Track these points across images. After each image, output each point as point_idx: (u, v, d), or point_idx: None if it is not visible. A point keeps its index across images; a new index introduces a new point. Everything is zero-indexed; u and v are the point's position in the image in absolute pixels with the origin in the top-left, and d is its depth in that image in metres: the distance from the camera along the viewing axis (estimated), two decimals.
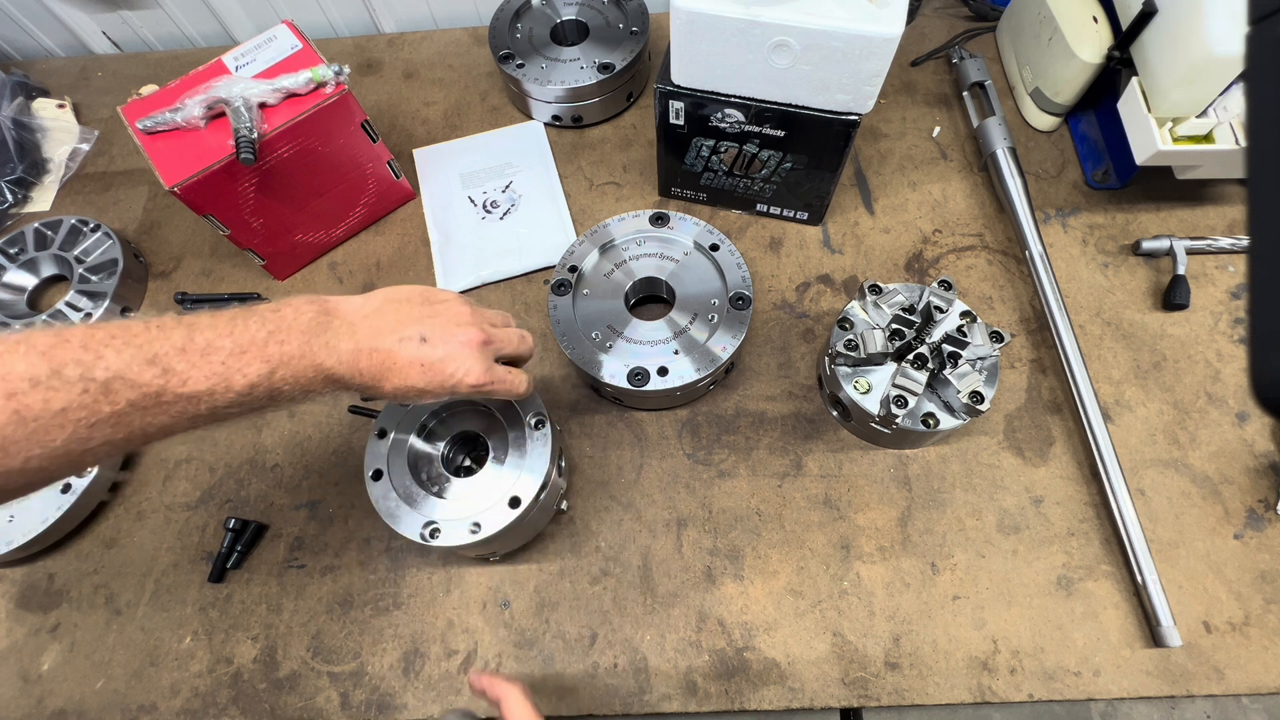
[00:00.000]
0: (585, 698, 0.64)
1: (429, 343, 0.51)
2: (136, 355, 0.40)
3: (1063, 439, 0.72)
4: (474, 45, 1.05)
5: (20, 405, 0.36)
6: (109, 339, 0.39)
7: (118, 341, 0.40)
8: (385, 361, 0.49)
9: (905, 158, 0.90)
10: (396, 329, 0.51)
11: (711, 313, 0.72)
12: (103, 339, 0.39)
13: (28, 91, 1.01)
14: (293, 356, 0.45)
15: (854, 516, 0.70)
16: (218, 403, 0.42)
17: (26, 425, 0.36)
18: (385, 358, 0.49)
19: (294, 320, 0.47)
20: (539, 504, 0.63)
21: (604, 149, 0.94)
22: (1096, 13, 0.78)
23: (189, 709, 0.66)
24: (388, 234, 0.91)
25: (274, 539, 0.73)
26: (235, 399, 0.43)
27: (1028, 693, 0.62)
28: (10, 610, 0.71)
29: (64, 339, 0.38)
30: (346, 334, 0.49)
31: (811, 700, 0.63)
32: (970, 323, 0.67)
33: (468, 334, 0.53)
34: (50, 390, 0.37)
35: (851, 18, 0.61)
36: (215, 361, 0.42)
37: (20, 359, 0.37)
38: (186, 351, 0.41)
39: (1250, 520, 0.68)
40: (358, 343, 0.49)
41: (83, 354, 0.38)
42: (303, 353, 0.46)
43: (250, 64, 0.76)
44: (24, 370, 0.36)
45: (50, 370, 0.37)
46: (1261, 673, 0.62)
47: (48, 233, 0.88)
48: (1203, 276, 0.80)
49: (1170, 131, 0.71)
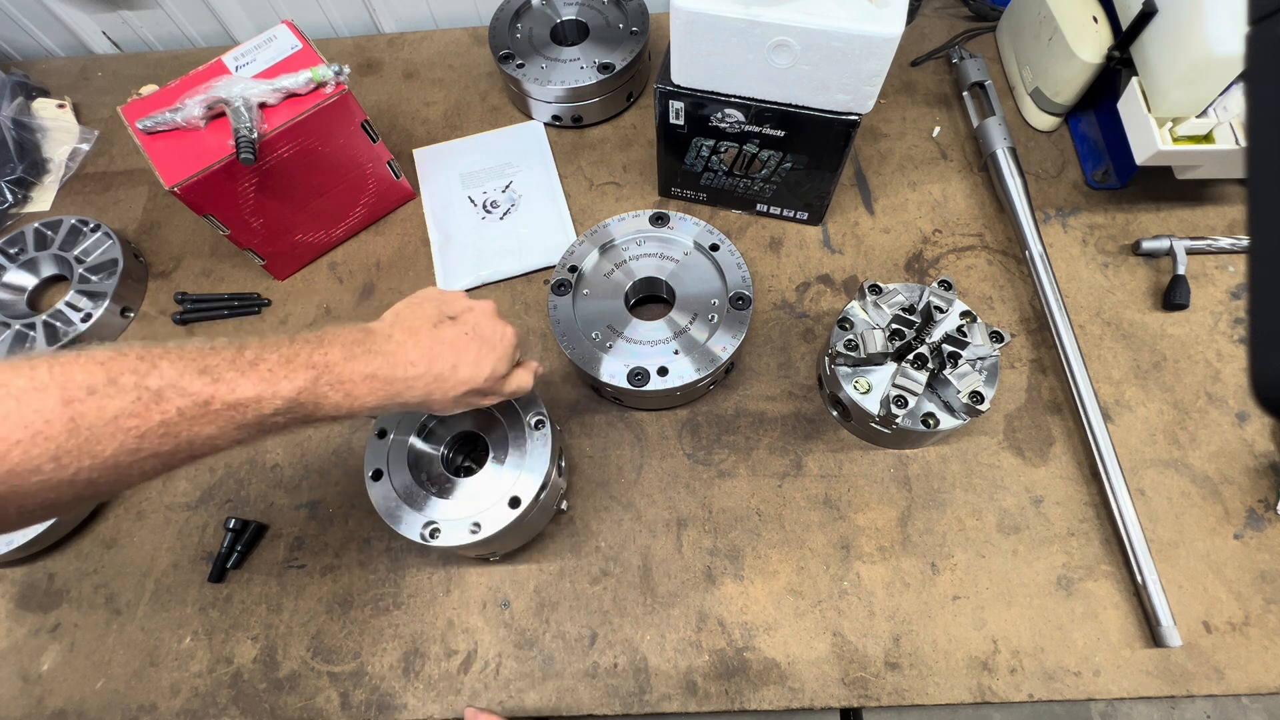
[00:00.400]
0: (585, 698, 0.64)
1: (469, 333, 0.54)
2: (190, 366, 0.41)
3: (1063, 439, 0.72)
4: (474, 45, 1.05)
5: (76, 413, 0.36)
6: (164, 353, 0.41)
7: (173, 354, 0.41)
8: (433, 350, 0.51)
9: (905, 158, 0.90)
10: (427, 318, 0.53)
11: (711, 313, 0.72)
12: (159, 353, 0.41)
13: (28, 91, 1.01)
14: (336, 362, 0.46)
15: (854, 516, 0.70)
16: (264, 410, 0.43)
17: (80, 434, 0.36)
18: (433, 343, 0.51)
19: (336, 334, 0.49)
20: (539, 504, 0.63)
21: (604, 149, 0.94)
22: (1096, 13, 0.78)
23: (189, 709, 0.66)
24: (388, 234, 0.91)
25: (274, 539, 0.73)
26: (282, 406, 0.44)
27: (1028, 693, 0.62)
28: (10, 610, 0.71)
29: (122, 352, 0.39)
30: (383, 338, 0.50)
31: (811, 700, 0.63)
32: (970, 323, 0.67)
33: (504, 330, 0.56)
34: (105, 398, 0.37)
35: (851, 18, 0.61)
36: (263, 369, 0.43)
37: (79, 369, 0.37)
38: (236, 363, 0.43)
39: (1250, 520, 0.68)
40: (400, 342, 0.51)
41: (139, 364, 0.39)
42: (346, 357, 0.47)
43: (250, 64, 0.76)
44: (82, 379, 0.37)
45: (107, 379, 0.38)
46: (1261, 673, 0.62)
47: (48, 233, 0.88)
48: (1203, 276, 0.80)
49: (1170, 131, 0.71)
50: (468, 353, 0.53)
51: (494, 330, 0.55)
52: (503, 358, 0.55)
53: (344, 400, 0.47)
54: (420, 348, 0.51)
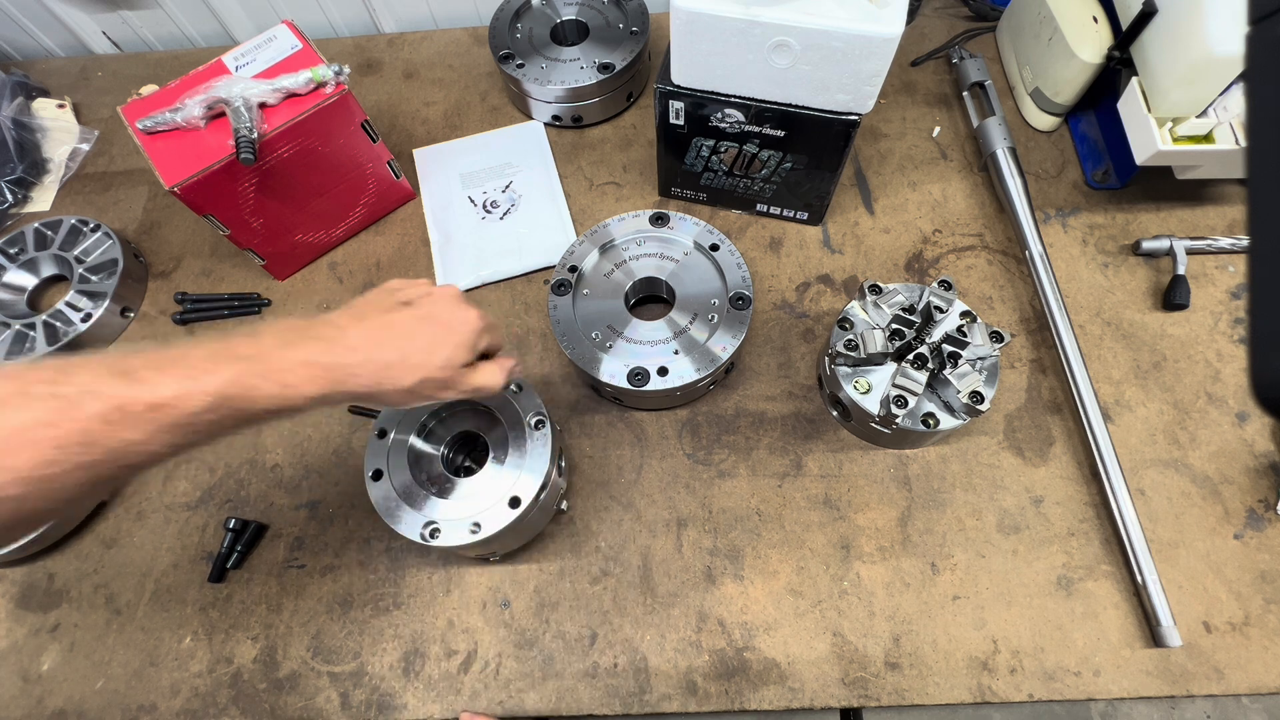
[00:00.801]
0: (585, 698, 0.64)
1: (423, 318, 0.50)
2: (107, 370, 0.39)
3: (1063, 439, 0.72)
4: (474, 45, 1.05)
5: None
6: (84, 361, 0.39)
7: (93, 361, 0.39)
8: (379, 335, 0.48)
9: (905, 158, 0.90)
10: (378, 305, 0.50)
11: (711, 313, 0.72)
12: (79, 362, 0.39)
13: (28, 91, 1.01)
14: (268, 351, 0.44)
15: (854, 516, 0.70)
16: (189, 408, 0.40)
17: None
18: (379, 328, 0.48)
19: (275, 324, 0.46)
20: (539, 504, 0.63)
21: (604, 149, 0.94)
22: (1096, 13, 0.78)
23: (189, 709, 0.66)
24: (388, 234, 0.91)
25: (274, 539, 0.73)
26: (209, 402, 0.41)
27: (1028, 693, 0.62)
28: (10, 610, 0.71)
29: (38, 365, 0.38)
30: (325, 323, 0.48)
31: (811, 700, 0.63)
32: (970, 323, 0.67)
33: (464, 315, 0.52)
34: (14, 410, 0.36)
35: (851, 18, 0.61)
36: (184, 366, 0.41)
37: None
38: (157, 362, 0.40)
39: (1250, 520, 0.68)
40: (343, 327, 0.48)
41: (54, 374, 0.38)
42: (281, 345, 0.45)
43: (250, 64, 0.76)
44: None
45: (17, 390, 0.36)
46: (1261, 673, 0.62)
47: (48, 233, 0.88)
48: (1203, 276, 0.80)
49: (1170, 131, 0.71)
50: (418, 338, 0.49)
51: (452, 315, 0.51)
52: (461, 345, 0.51)
53: (279, 391, 0.44)
54: (365, 332, 0.48)
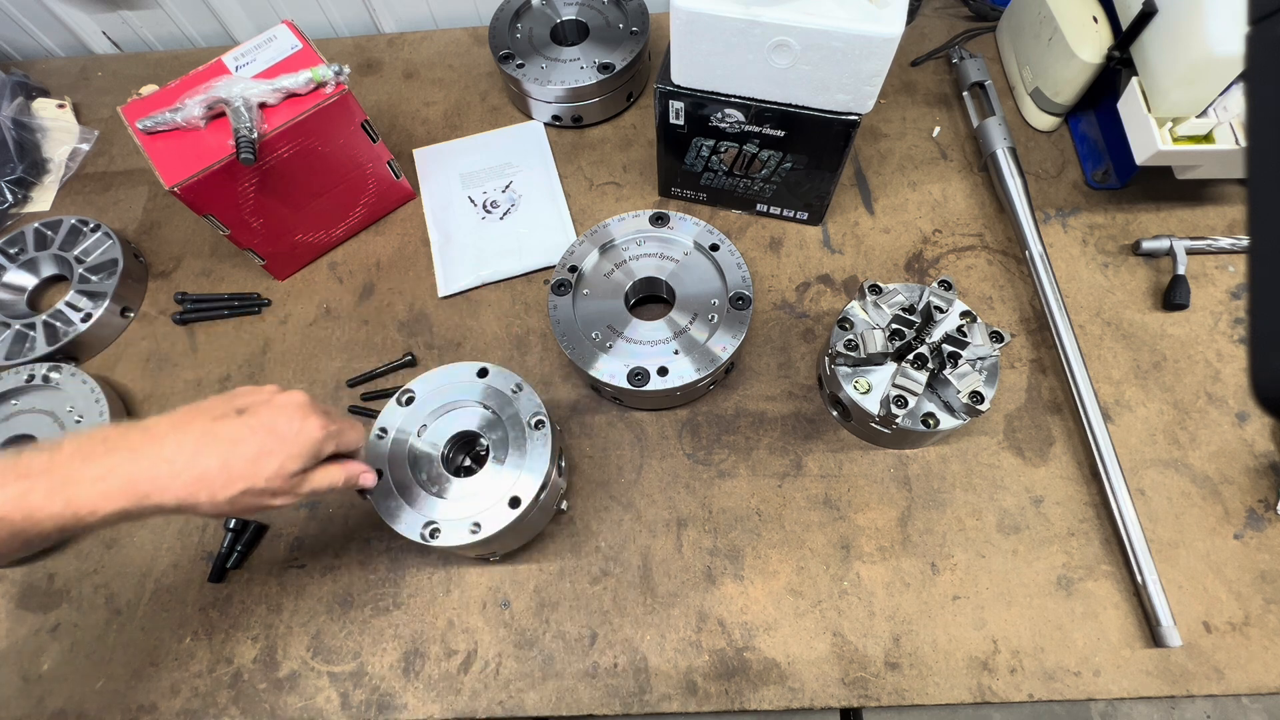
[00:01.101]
0: (585, 698, 0.64)
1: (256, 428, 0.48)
2: None
3: (1063, 439, 0.72)
4: (474, 45, 1.05)
5: None
6: None
7: None
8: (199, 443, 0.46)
9: (905, 158, 0.90)
10: (209, 411, 0.48)
11: (711, 313, 0.72)
12: None
13: (28, 91, 1.01)
14: (60, 465, 0.42)
15: (854, 516, 0.70)
16: None
17: None
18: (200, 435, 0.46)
19: (75, 436, 0.45)
20: (539, 504, 0.63)
21: (604, 149, 0.94)
22: (1096, 13, 0.78)
23: (189, 709, 0.66)
24: (388, 234, 0.91)
25: (274, 539, 0.73)
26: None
27: (1028, 693, 0.62)
28: (10, 610, 0.71)
29: None
30: (140, 431, 0.46)
31: (811, 700, 0.63)
32: (970, 323, 0.67)
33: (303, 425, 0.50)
34: None
35: (851, 18, 0.61)
36: None
37: None
38: None
39: (1250, 520, 0.68)
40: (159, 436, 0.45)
41: None
42: (79, 458, 0.43)
43: (250, 64, 0.76)
44: None
45: None
46: (1261, 673, 0.62)
47: (48, 233, 0.88)
48: (1203, 276, 0.80)
49: (1170, 131, 0.71)
50: (245, 448, 0.47)
51: (289, 426, 0.49)
52: (295, 456, 0.49)
53: (63, 509, 0.41)
54: (183, 442, 0.46)
